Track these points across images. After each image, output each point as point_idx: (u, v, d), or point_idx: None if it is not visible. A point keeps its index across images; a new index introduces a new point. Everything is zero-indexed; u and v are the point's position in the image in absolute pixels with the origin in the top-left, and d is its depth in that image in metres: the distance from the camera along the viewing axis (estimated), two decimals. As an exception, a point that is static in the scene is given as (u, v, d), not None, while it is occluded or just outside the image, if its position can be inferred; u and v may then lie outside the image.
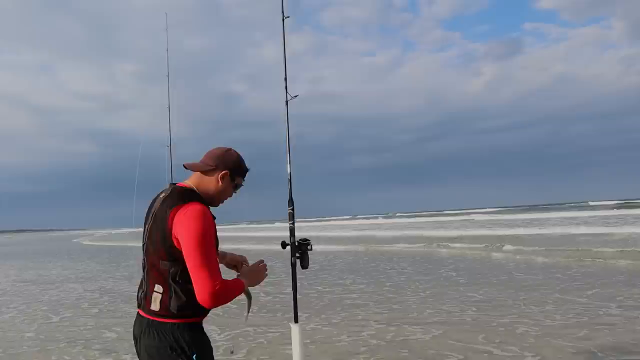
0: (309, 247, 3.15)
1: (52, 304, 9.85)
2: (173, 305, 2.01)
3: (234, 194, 2.30)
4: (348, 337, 6.26)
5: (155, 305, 2.04)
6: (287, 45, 3.41)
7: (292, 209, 3.21)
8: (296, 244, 3.11)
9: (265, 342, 6.16)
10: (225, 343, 6.16)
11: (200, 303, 1.95)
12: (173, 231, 1.98)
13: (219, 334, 6.63)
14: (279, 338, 6.26)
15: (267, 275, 2.41)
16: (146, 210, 2.20)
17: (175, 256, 1.99)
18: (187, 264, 1.94)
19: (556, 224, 30.15)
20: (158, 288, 2.04)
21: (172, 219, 1.98)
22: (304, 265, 3.12)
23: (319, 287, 10.37)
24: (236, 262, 2.55)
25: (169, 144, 4.95)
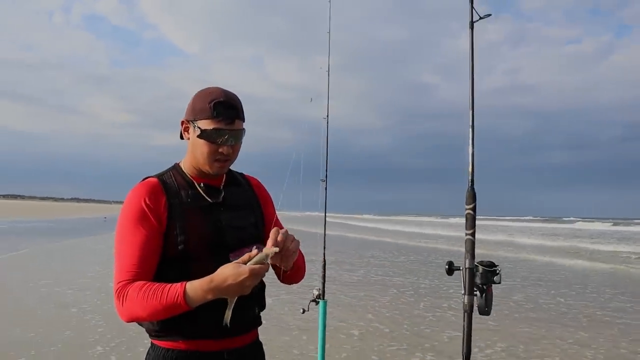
0: (495, 279, 1.79)
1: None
2: None
3: (220, 146, 1.46)
4: None
5: None
6: (479, 34, 2.02)
7: (473, 209, 1.84)
8: (478, 270, 1.77)
9: None
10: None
11: None
12: None
13: None
14: None
15: (254, 281, 1.29)
16: None
17: None
18: None
19: None
20: None
21: None
22: (485, 311, 1.78)
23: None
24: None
25: (325, 116, 3.93)
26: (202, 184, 1.51)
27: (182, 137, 1.54)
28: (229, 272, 1.26)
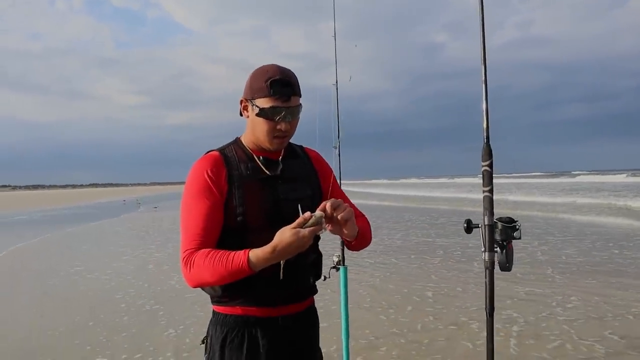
0: (514, 234, 1.78)
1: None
2: None
3: (278, 122, 1.51)
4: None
5: None
6: None
7: (490, 165, 1.81)
8: (497, 227, 1.76)
9: None
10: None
11: None
12: None
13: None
14: None
15: (308, 240, 1.37)
16: None
17: None
18: None
19: None
20: None
21: None
22: (506, 267, 1.78)
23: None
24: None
25: (335, 82, 3.88)
26: (261, 157, 1.57)
27: (241, 115, 1.60)
28: (291, 239, 1.34)
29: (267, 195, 1.53)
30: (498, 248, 1.78)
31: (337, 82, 3.65)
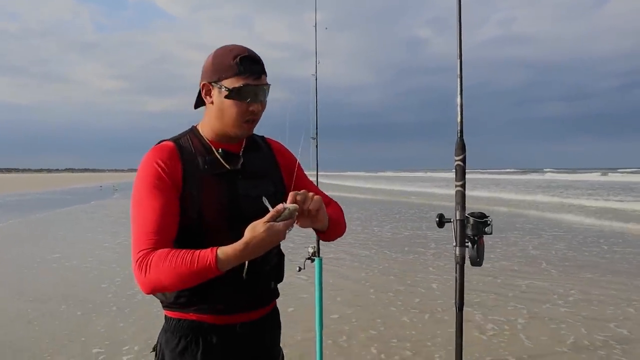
0: (486, 230, 1.80)
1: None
2: None
3: (250, 104, 1.37)
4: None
5: None
6: None
7: (463, 160, 1.82)
8: (469, 222, 1.78)
9: None
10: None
11: None
12: None
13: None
14: None
15: (282, 235, 1.26)
16: None
17: None
18: None
19: None
20: None
21: None
22: (477, 262, 1.80)
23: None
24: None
25: (314, 73, 3.86)
26: (220, 150, 1.44)
27: (196, 106, 1.47)
28: (264, 234, 1.21)
29: (225, 191, 1.41)
30: (469, 243, 1.80)
31: (316, 72, 3.64)
